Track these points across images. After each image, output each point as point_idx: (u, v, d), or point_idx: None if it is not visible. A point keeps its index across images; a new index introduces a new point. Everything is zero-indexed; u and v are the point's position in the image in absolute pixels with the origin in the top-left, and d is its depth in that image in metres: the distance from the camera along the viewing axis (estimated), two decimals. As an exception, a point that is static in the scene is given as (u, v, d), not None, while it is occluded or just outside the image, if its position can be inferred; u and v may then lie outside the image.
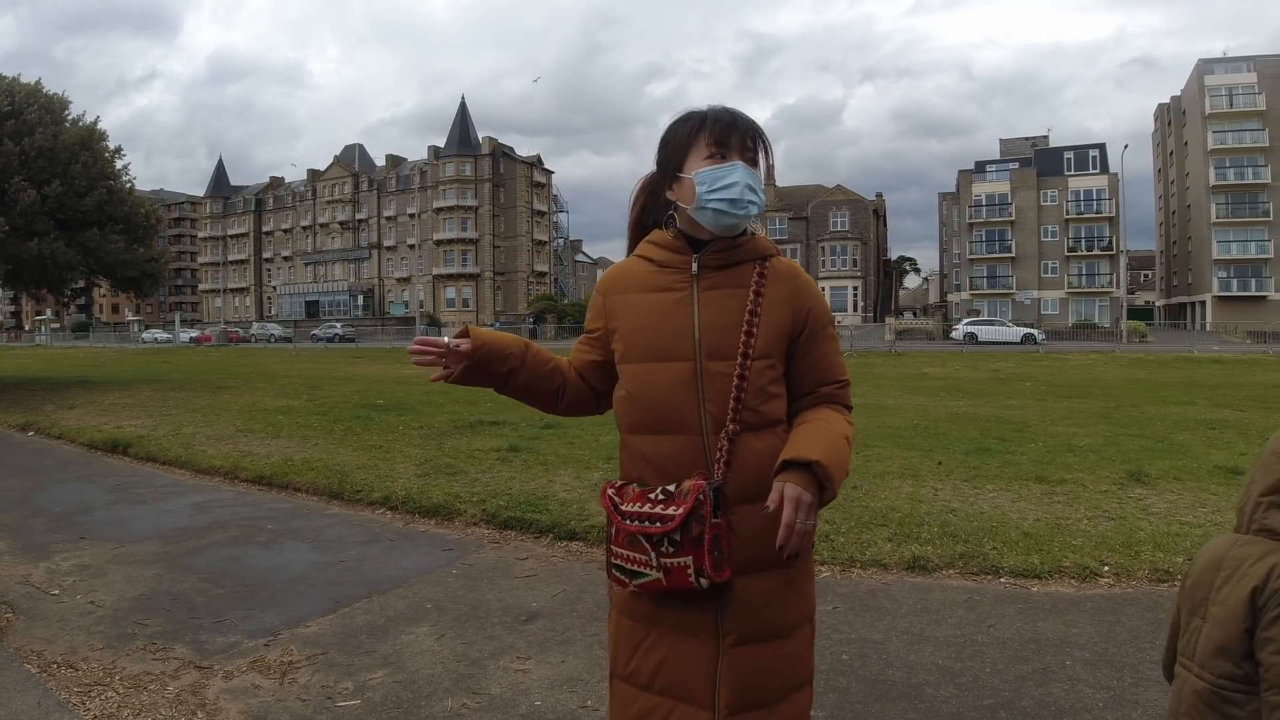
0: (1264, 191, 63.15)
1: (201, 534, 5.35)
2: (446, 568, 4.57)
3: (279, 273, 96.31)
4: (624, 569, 1.71)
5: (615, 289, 1.84)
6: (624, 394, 1.79)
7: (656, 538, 1.64)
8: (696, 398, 1.69)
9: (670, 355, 1.72)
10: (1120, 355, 31.01)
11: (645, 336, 1.75)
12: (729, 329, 1.70)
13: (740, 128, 1.75)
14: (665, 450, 1.71)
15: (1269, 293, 62.00)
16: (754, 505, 1.64)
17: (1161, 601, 3.93)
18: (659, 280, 1.78)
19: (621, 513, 1.70)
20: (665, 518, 1.63)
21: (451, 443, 8.47)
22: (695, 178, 1.73)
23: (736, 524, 1.66)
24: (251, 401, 13.27)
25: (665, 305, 1.75)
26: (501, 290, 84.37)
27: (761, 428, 1.71)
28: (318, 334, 63.46)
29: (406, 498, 6.01)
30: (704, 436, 1.69)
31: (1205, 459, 7.45)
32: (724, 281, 1.75)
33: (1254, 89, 64.23)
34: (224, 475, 7.26)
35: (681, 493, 1.64)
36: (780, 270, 1.78)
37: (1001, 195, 70.48)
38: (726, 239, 1.77)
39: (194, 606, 3.98)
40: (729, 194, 1.70)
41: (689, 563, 1.62)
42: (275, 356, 35.28)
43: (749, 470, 1.67)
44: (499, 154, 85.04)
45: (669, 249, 1.79)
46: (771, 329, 1.72)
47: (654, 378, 1.73)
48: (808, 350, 1.78)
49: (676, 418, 1.70)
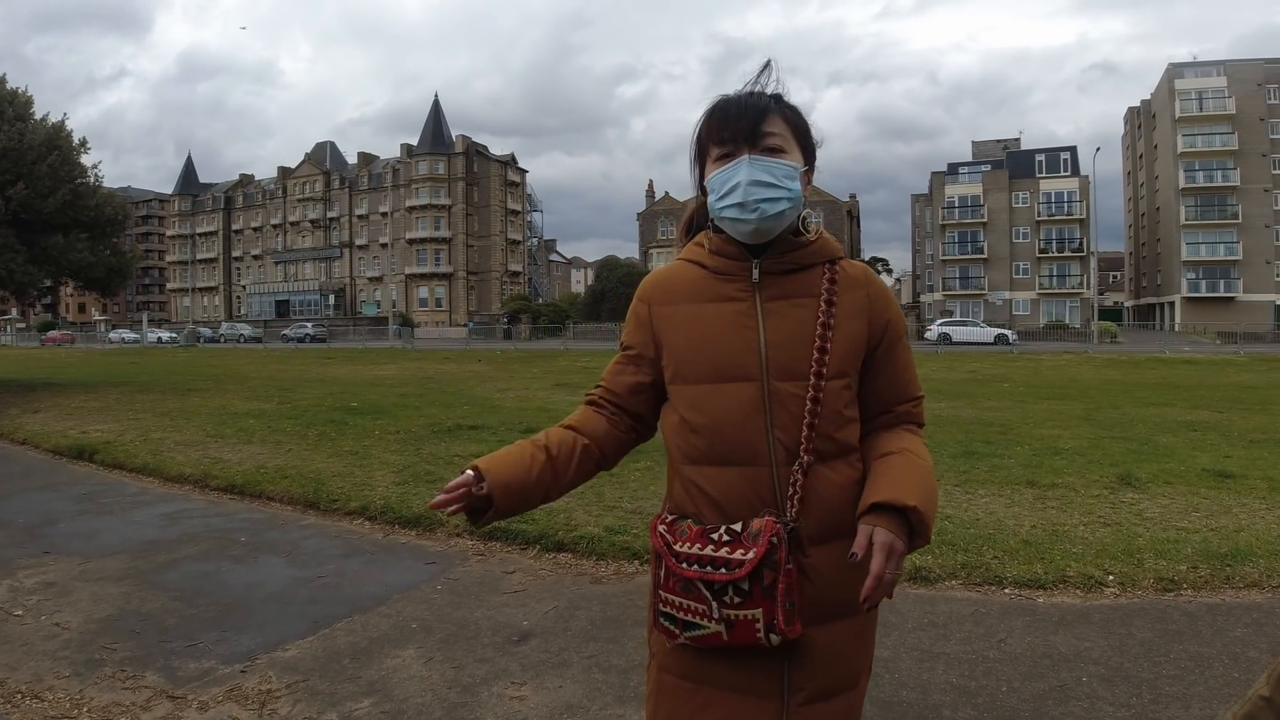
0: (1233, 194, 64.42)
1: (171, 547, 5.10)
2: (431, 583, 4.37)
3: (248, 272, 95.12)
4: (674, 618, 1.48)
5: (663, 298, 1.60)
6: (677, 419, 1.56)
7: (719, 585, 1.42)
8: (765, 424, 1.48)
9: (733, 375, 1.50)
10: (1093, 356, 31.32)
11: (703, 354, 1.52)
12: (800, 344, 1.49)
13: (738, 112, 1.51)
14: (728, 484, 1.49)
15: (1237, 294, 63.24)
16: (829, 546, 1.47)
17: (1170, 612, 3.85)
18: (716, 289, 1.55)
19: (676, 554, 1.47)
20: (732, 563, 1.41)
21: (430, 448, 8.25)
22: (708, 186, 1.55)
23: (809, 568, 1.47)
24: (222, 404, 12.93)
25: (725, 318, 1.52)
26: (475, 290, 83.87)
27: (836, 457, 1.51)
28: (288, 334, 62.55)
29: (386, 507, 5.79)
30: (773, 468, 1.47)
31: (1191, 461, 7.43)
32: (791, 289, 1.53)
33: (1224, 93, 65.45)
34: (194, 483, 6.98)
35: (751, 534, 1.43)
36: (853, 275, 1.57)
37: (974, 197, 71.23)
38: (791, 239, 1.55)
39: (165, 628, 3.76)
40: (733, 198, 1.49)
41: (758, 616, 1.41)
42: (245, 357, 34.66)
43: (824, 506, 1.48)
44: (473, 152, 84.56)
45: (725, 254, 1.56)
46: (846, 343, 1.52)
47: (715, 401, 1.50)
48: (885, 365, 1.58)
49: (742, 447, 1.48)
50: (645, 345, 1.62)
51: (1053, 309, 67.72)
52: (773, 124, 1.51)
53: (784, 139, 1.53)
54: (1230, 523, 5.26)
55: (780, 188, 1.48)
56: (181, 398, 14.17)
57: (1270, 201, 63.71)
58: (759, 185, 1.47)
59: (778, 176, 1.49)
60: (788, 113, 1.55)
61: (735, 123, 1.51)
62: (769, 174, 1.48)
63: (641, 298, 1.64)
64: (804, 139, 1.57)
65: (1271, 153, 63.83)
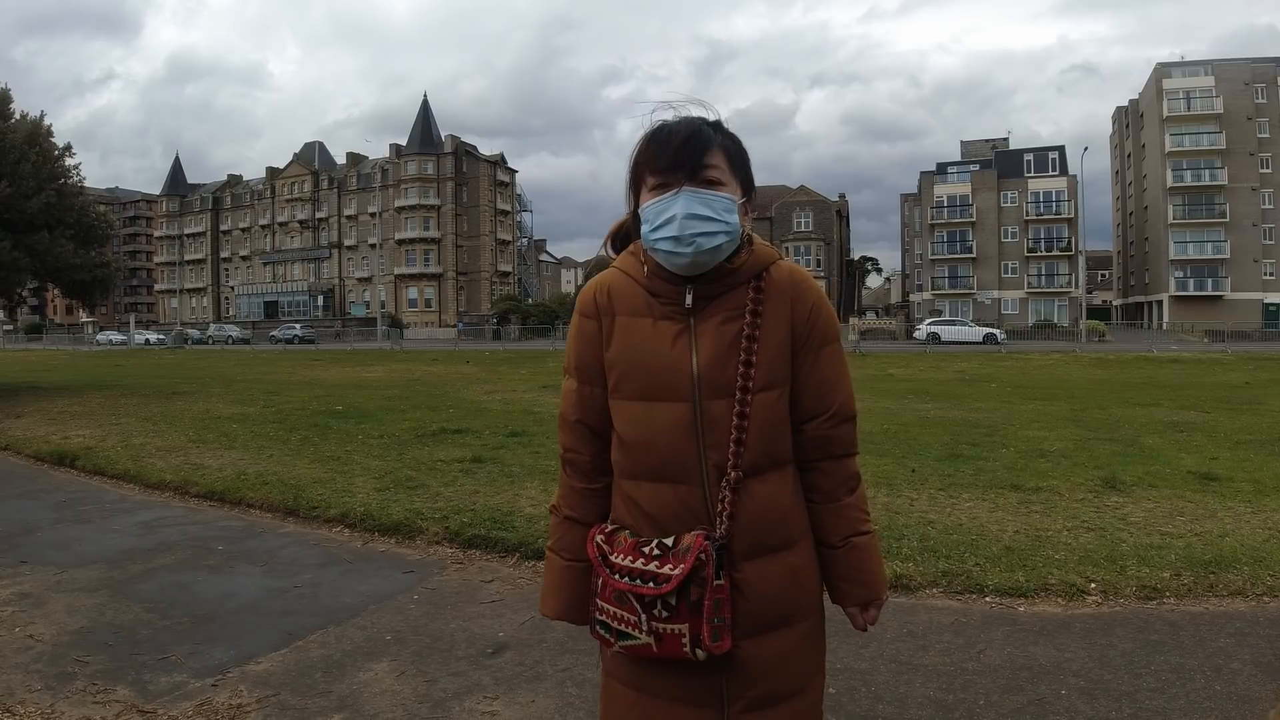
0: (1220, 193, 64.81)
1: (148, 557, 5.03)
2: (407, 593, 4.31)
3: (237, 273, 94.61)
4: (609, 627, 1.49)
5: (606, 309, 1.58)
6: (617, 436, 1.57)
7: (649, 599, 1.43)
8: (696, 444, 1.48)
9: (667, 395, 1.49)
10: (1081, 355, 31.42)
11: (640, 371, 1.51)
12: (730, 361, 1.48)
13: (678, 143, 1.47)
14: (662, 500, 1.50)
15: (1225, 292, 63.62)
16: (761, 561, 1.48)
17: (1152, 622, 3.82)
18: (651, 305, 1.54)
19: (610, 565, 1.48)
20: (660, 577, 1.42)
21: (413, 453, 8.19)
22: (641, 214, 1.52)
23: (742, 583, 1.47)
24: (205, 409, 12.84)
25: (661, 337, 1.51)
26: (464, 290, 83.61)
27: (768, 469, 1.50)
28: (276, 335, 62.11)
29: (365, 515, 5.73)
30: (704, 486, 1.48)
31: (1177, 464, 7.43)
32: (721, 306, 1.51)
33: (1211, 92, 65.83)
34: (174, 490, 6.91)
35: (680, 550, 1.43)
36: (778, 281, 1.54)
37: (962, 196, 71.42)
38: (722, 266, 1.52)
39: (138, 641, 3.69)
40: (668, 230, 1.44)
41: (684, 631, 1.42)
42: (232, 359, 34.51)
43: (755, 521, 1.48)
44: (461, 153, 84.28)
45: (660, 276, 1.53)
46: (772, 352, 1.49)
47: (648, 419, 1.50)
48: (800, 369, 1.54)
49: (674, 465, 1.49)
50: (596, 359, 1.58)
51: (1041, 308, 67.95)
52: (713, 156, 1.48)
53: (723, 171, 1.49)
54: (1215, 528, 5.24)
55: (718, 221, 1.45)
56: (166, 402, 14.07)
57: (1258, 200, 64.13)
58: (696, 219, 1.44)
59: (716, 210, 1.45)
60: (728, 144, 1.52)
61: (675, 154, 1.47)
62: (707, 207, 1.45)
63: (585, 313, 1.60)
64: (743, 171, 1.54)
65: (1259, 151, 64.25)
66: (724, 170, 1.50)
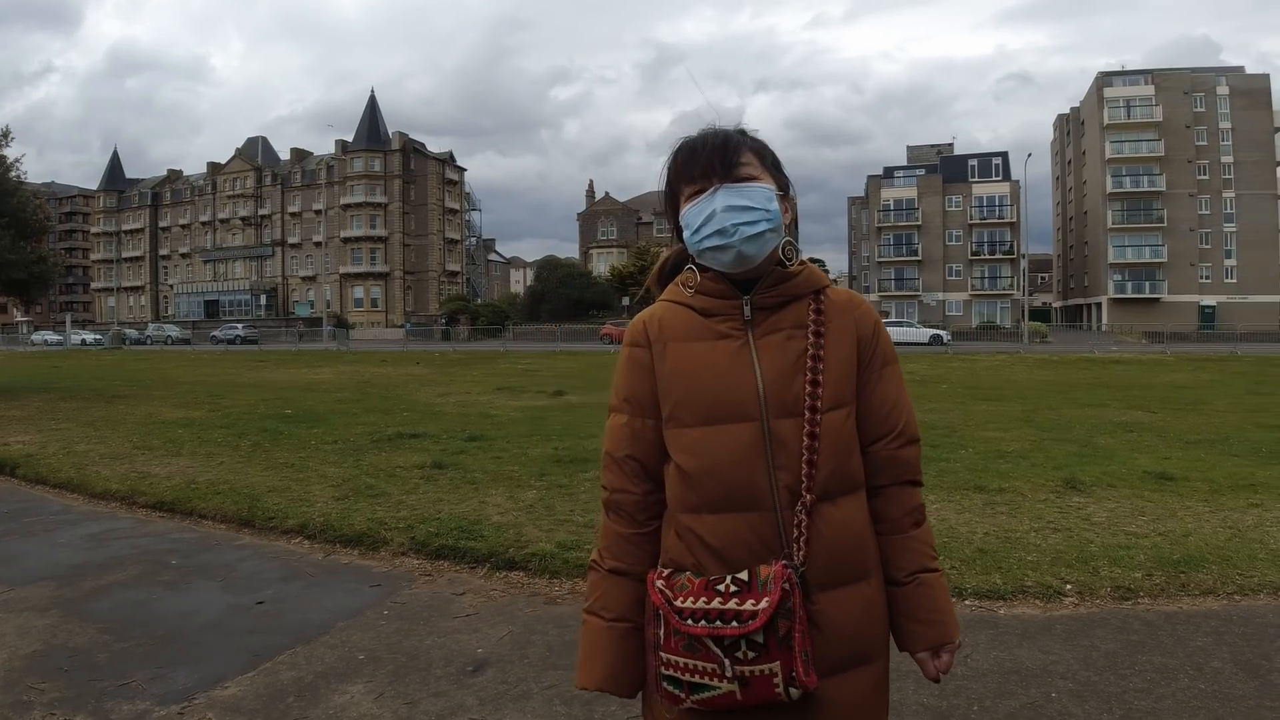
0: (1158, 199, 66.99)
1: (99, 573, 4.77)
2: (377, 608, 4.15)
3: (176, 270, 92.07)
4: (679, 681, 1.35)
5: (657, 337, 1.50)
6: (673, 467, 1.47)
7: (731, 640, 1.31)
8: (766, 465, 1.39)
9: (732, 416, 1.41)
10: (1026, 356, 32.11)
11: (700, 395, 1.44)
12: (795, 379, 1.42)
13: (706, 147, 1.47)
14: (730, 531, 1.40)
15: (1162, 295, 65.78)
16: (838, 592, 1.40)
17: (1130, 622, 3.85)
18: (707, 327, 1.47)
19: (679, 610, 1.34)
20: (744, 615, 1.30)
21: (370, 459, 7.97)
22: (682, 223, 1.50)
23: (818, 615, 1.37)
24: (149, 412, 12.39)
25: (720, 356, 1.44)
26: (412, 290, 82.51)
27: (841, 494, 1.43)
28: (218, 335, 60.29)
29: (325, 525, 5.51)
30: (777, 512, 1.39)
31: (1132, 464, 7.56)
32: (782, 322, 1.46)
33: (1151, 100, 67.96)
34: (121, 500, 6.59)
35: (761, 582, 1.33)
36: (838, 302, 1.52)
37: (909, 200, 72.61)
38: (779, 271, 1.49)
39: (95, 665, 3.48)
40: (711, 226, 1.43)
41: (775, 669, 1.30)
42: (173, 360, 33.46)
43: (831, 548, 1.40)
44: (409, 150, 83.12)
45: (710, 294, 1.49)
46: (839, 371, 1.45)
47: (712, 444, 1.41)
48: (864, 390, 1.50)
49: (743, 491, 1.40)
50: (652, 391, 1.50)
51: (984, 310, 69.46)
52: (744, 155, 1.48)
53: (756, 168, 1.48)
54: (1178, 527, 5.33)
55: (758, 210, 1.43)
56: (107, 405, 13.55)
57: (1195, 206, 66.39)
58: (735, 210, 1.42)
59: (755, 200, 1.44)
60: (754, 145, 1.52)
61: (705, 157, 1.47)
62: (745, 198, 1.43)
63: (636, 342, 1.53)
64: (776, 169, 1.54)
65: (1197, 159, 66.54)
66: (757, 167, 1.49)
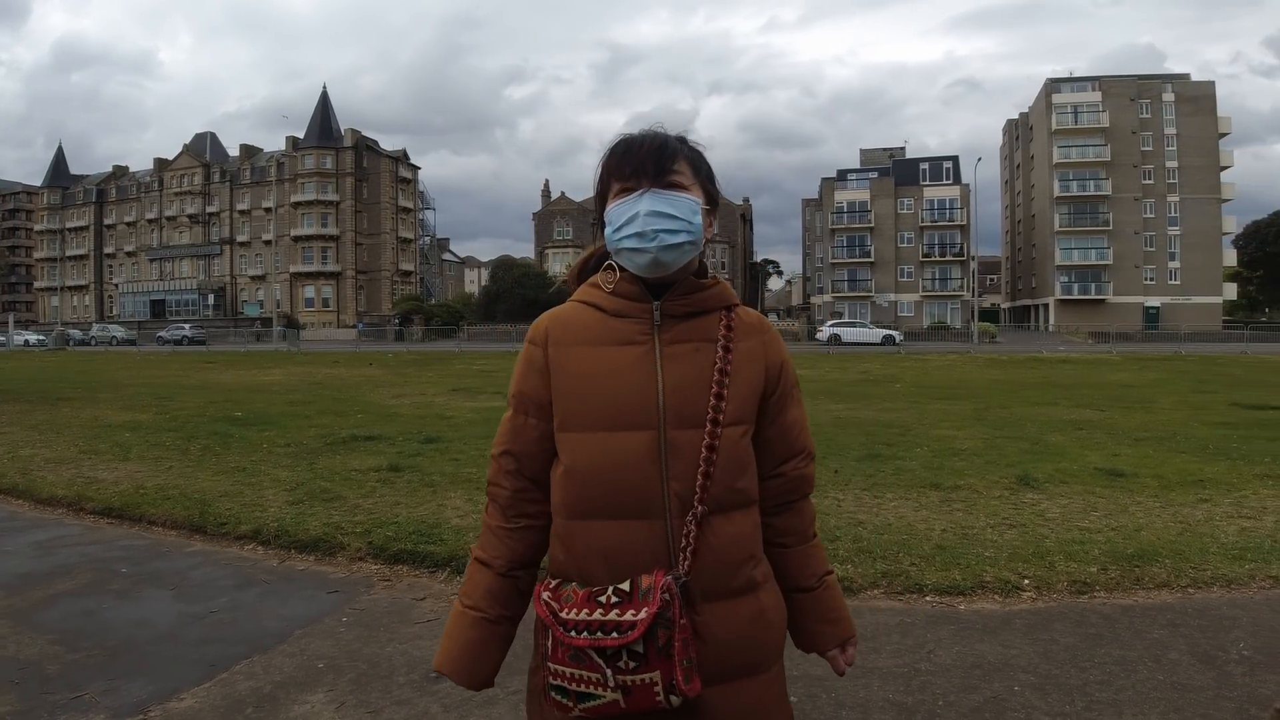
0: (1104, 203, 68.84)
1: (47, 581, 4.58)
2: (335, 615, 4.05)
3: (122, 269, 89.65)
4: (566, 690, 1.38)
5: (558, 339, 1.51)
6: (562, 471, 1.48)
7: (612, 651, 1.33)
8: (660, 474, 1.41)
9: (630, 423, 1.42)
10: (976, 355, 32.72)
11: (599, 399, 1.45)
12: (698, 390, 1.44)
13: (642, 149, 1.49)
14: (619, 538, 1.42)
15: (1108, 296, 67.62)
16: (722, 604, 1.43)
17: (1088, 616, 3.93)
18: (614, 331, 1.48)
19: (564, 622, 1.37)
20: (623, 625, 1.33)
21: (324, 462, 7.81)
22: (605, 219, 1.51)
23: (702, 626, 1.40)
24: (95, 415, 12.02)
25: (624, 362, 1.45)
26: (365, 290, 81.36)
27: (733, 508, 1.46)
28: (164, 336, 58.67)
29: (280, 530, 5.38)
30: (667, 520, 1.41)
31: (1083, 460, 7.73)
32: (691, 333, 1.48)
33: (1098, 107, 69.77)
34: (67, 506, 6.37)
35: (641, 592, 1.35)
36: (749, 322, 1.54)
37: (862, 203, 73.59)
38: (692, 280, 1.50)
39: (47, 678, 3.34)
40: (632, 228, 1.44)
41: (655, 678, 1.33)
42: (119, 361, 32.54)
43: (717, 560, 1.42)
44: (362, 147, 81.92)
45: (622, 295, 1.50)
46: (744, 389, 1.48)
47: (609, 450, 1.43)
48: (778, 414, 1.54)
49: (635, 499, 1.42)
50: (540, 391, 1.51)
51: (935, 310, 70.69)
52: (678, 163, 1.50)
53: (687, 178, 1.50)
54: (1129, 522, 5.45)
55: (681, 220, 1.45)
56: (51, 408, 13.12)
57: (1140, 210, 68.31)
58: (659, 216, 1.44)
59: (680, 210, 1.45)
60: (691, 154, 1.53)
61: (639, 158, 1.48)
62: (670, 206, 1.45)
63: (534, 340, 1.54)
64: (707, 182, 1.56)
65: (1142, 164, 68.51)
66: (688, 176, 1.51)
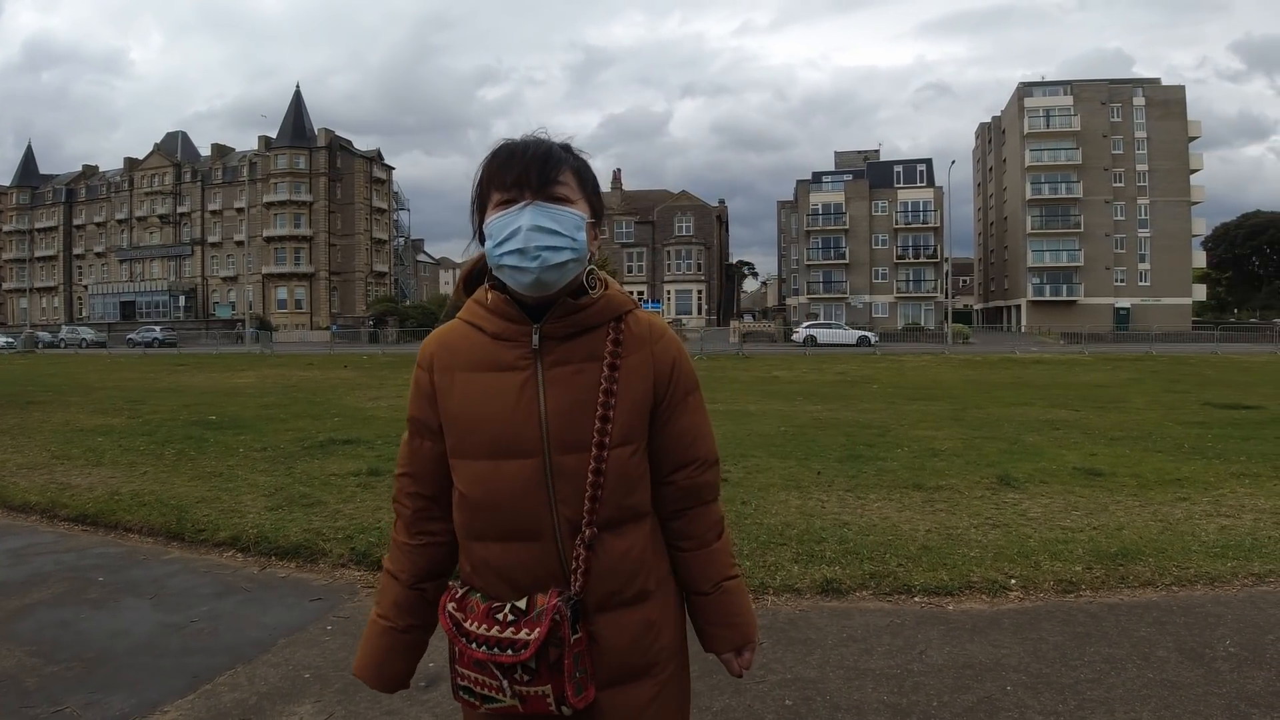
0: (1076, 205, 69.67)
1: (22, 591, 4.48)
2: (319, 623, 3.98)
3: (91, 270, 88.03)
4: (472, 691, 1.45)
5: (442, 365, 1.49)
6: (458, 495, 1.49)
7: (508, 666, 1.40)
8: (547, 499, 1.43)
9: (514, 451, 1.42)
10: (951, 356, 33.00)
11: (481, 428, 1.44)
12: (583, 414, 1.43)
13: (525, 157, 1.42)
14: (513, 559, 1.45)
15: (1079, 297, 68.43)
16: (614, 614, 1.46)
17: (1075, 615, 3.95)
18: (495, 356, 1.46)
19: (466, 634, 1.42)
20: (518, 644, 1.38)
21: (303, 467, 7.70)
22: (486, 231, 1.44)
23: (597, 635, 1.45)
24: (66, 419, 11.81)
25: (505, 389, 1.44)
26: (338, 291, 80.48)
27: (624, 523, 1.47)
28: (135, 338, 57.74)
29: (260, 536, 5.28)
30: (558, 542, 1.44)
31: (1060, 460, 7.80)
32: (573, 354, 1.45)
33: (1070, 110, 70.59)
34: (40, 513, 6.23)
35: (535, 614, 1.39)
36: (637, 332, 1.50)
37: (837, 205, 73.97)
38: (570, 302, 1.45)
39: (26, 691, 3.24)
40: (513, 244, 1.38)
41: (548, 691, 1.41)
42: (89, 364, 32.01)
43: (609, 575, 1.45)
44: (336, 147, 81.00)
45: (502, 316, 1.46)
46: (631, 408, 1.45)
47: (495, 478, 1.44)
48: (667, 421, 1.52)
49: (524, 523, 1.44)
50: (430, 415, 1.51)
51: (909, 311, 71.19)
52: (563, 174, 1.44)
53: (573, 190, 1.45)
54: (1110, 521, 5.50)
55: (565, 236, 1.40)
56: (21, 412, 12.87)
57: (1110, 212, 69.18)
58: (542, 231, 1.38)
59: (564, 225, 1.40)
60: (577, 165, 1.48)
61: (521, 168, 1.41)
62: (554, 221, 1.39)
63: (421, 364, 1.53)
64: (592, 194, 1.50)
65: (1113, 167, 69.36)
66: (574, 189, 1.46)
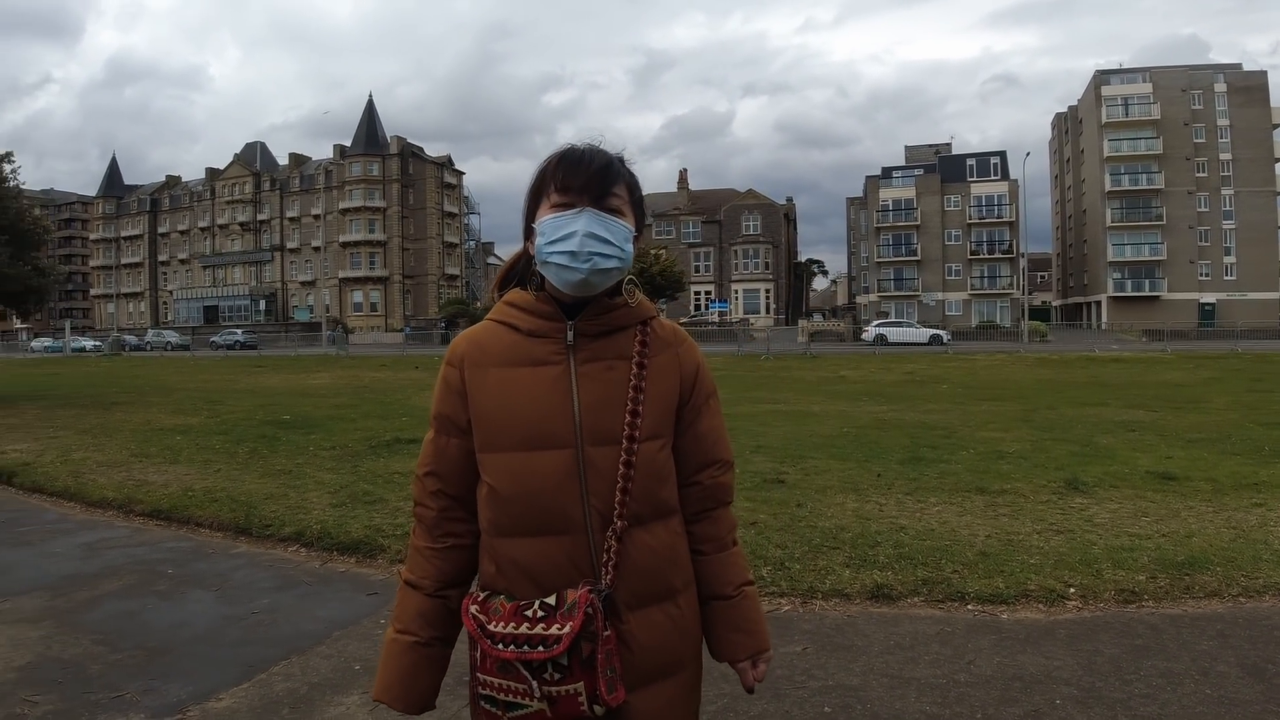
0: (1157, 196, 67.01)
1: (93, 582, 4.71)
2: (373, 617, 4.10)
3: (175, 276, 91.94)
4: (495, 700, 1.42)
5: (474, 361, 1.53)
6: (486, 490, 1.50)
7: (538, 664, 1.37)
8: (579, 491, 1.45)
9: (547, 443, 1.45)
10: (1025, 355, 32.09)
11: (516, 420, 1.47)
12: (613, 408, 1.47)
13: (588, 167, 1.49)
14: (543, 554, 1.46)
15: (1162, 293, 65.79)
16: (645, 611, 1.48)
17: (1134, 626, 3.81)
18: (529, 351, 1.50)
19: (491, 635, 1.40)
20: (549, 639, 1.37)
21: (368, 465, 7.93)
22: (538, 228, 1.51)
23: (626, 634, 1.45)
24: (146, 420, 12.36)
25: (539, 382, 1.48)
26: (411, 294, 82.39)
27: (654, 519, 1.50)
28: (217, 341, 60.15)
29: (322, 533, 5.47)
30: (589, 535, 1.45)
31: (1133, 463, 7.53)
32: (604, 351, 1.51)
33: (1149, 99, 68.02)
34: (117, 509, 6.55)
35: (566, 607, 1.39)
36: (663, 336, 1.57)
37: (907, 200, 72.56)
38: (606, 301, 1.52)
39: (88, 678, 3.43)
40: (567, 245, 1.45)
41: (580, 689, 1.38)
42: (171, 366, 33.42)
43: (640, 571, 1.47)
44: (408, 154, 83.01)
45: (536, 314, 1.52)
46: (659, 404, 1.51)
47: (528, 469, 1.46)
48: (691, 423, 1.58)
49: (556, 516, 1.45)
50: (459, 412, 1.53)
51: (984, 309, 69.41)
52: (619, 187, 1.52)
53: (624, 203, 1.53)
54: (1180, 528, 5.29)
55: (615, 246, 1.48)
56: (104, 413, 13.52)
57: (1193, 204, 66.42)
58: (595, 239, 1.46)
59: (615, 236, 1.48)
60: (630, 178, 1.56)
61: (585, 176, 1.49)
62: (607, 230, 1.47)
63: (451, 362, 1.56)
64: (637, 207, 1.57)
65: (1195, 156, 66.56)
66: (625, 201, 1.53)
